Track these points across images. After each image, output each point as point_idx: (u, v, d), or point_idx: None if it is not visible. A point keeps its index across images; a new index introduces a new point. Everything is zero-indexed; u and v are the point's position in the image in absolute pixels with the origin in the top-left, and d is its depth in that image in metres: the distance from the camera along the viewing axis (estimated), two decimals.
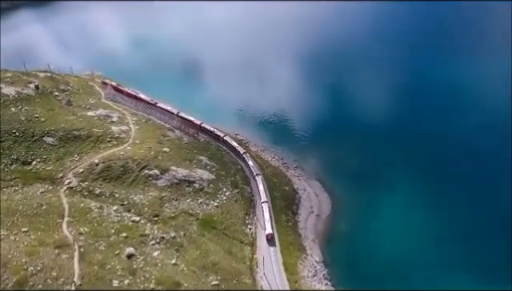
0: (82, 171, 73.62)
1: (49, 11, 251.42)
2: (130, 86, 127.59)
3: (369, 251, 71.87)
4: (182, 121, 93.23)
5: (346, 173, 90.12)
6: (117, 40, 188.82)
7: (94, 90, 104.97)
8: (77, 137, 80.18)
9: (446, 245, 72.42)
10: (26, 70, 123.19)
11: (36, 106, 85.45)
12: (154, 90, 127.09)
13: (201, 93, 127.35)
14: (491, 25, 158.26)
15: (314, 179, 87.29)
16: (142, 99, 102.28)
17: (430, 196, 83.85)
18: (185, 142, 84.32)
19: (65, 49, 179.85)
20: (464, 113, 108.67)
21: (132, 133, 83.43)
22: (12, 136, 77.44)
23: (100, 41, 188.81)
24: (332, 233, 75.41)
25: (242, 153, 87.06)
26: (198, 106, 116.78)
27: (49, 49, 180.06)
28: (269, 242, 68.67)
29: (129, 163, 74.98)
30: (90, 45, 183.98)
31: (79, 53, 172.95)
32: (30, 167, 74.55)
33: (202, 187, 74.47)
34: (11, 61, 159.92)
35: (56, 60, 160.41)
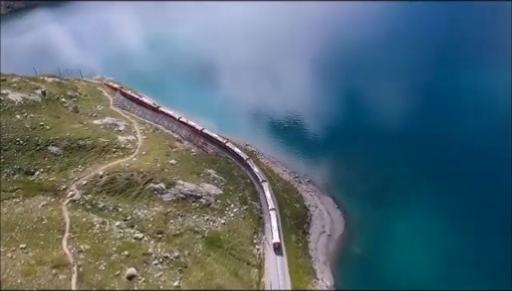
0: (85, 183, 71.62)
1: (63, 11, 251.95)
2: (140, 90, 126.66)
3: (383, 275, 68.41)
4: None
5: (360, 189, 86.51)
6: (131, 41, 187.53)
7: (102, 96, 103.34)
8: (82, 146, 78.26)
9: (465, 267, 68.82)
10: (36, 74, 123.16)
11: (42, 113, 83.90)
12: (165, 94, 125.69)
13: (213, 97, 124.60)
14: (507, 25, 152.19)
15: (326, 195, 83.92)
16: (150, 106, 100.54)
17: (449, 212, 79.90)
18: (193, 154, 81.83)
19: (78, 50, 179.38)
20: (485, 123, 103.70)
21: (139, 144, 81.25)
22: (16, 144, 75.87)
23: (114, 41, 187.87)
24: (344, 254, 72.00)
25: (245, 159, 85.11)
26: (209, 112, 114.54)
27: (62, 51, 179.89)
28: (276, 251, 67.38)
29: (134, 176, 72.71)
30: (103, 47, 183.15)
31: (92, 55, 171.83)
32: (32, 177, 72.85)
33: (209, 203, 71.81)
34: (23, 63, 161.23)
35: (68, 62, 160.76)
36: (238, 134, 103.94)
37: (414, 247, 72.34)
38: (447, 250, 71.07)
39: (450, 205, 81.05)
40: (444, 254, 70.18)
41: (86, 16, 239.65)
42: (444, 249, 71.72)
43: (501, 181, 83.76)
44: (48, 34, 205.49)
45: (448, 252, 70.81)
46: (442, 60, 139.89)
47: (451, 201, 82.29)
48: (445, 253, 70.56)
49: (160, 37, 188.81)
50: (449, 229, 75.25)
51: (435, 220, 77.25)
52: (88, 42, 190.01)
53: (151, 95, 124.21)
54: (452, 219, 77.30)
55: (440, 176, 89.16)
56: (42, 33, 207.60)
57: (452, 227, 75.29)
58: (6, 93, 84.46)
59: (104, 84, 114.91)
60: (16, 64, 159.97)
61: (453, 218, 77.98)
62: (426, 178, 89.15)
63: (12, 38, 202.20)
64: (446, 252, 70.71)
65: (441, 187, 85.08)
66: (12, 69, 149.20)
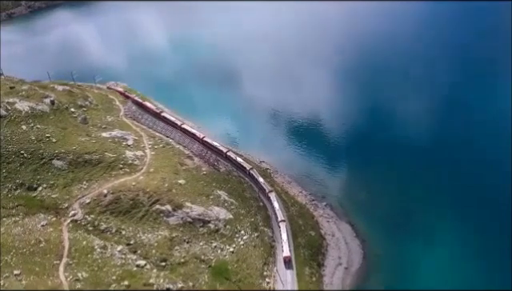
0: (88, 202, 68.62)
1: (84, 11, 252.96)
2: (155, 98, 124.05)
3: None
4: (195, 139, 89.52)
5: (381, 215, 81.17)
6: (152, 43, 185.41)
7: (113, 106, 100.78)
8: (87, 161, 75.41)
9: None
10: (49, 78, 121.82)
11: (49, 124, 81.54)
12: (180, 102, 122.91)
13: (230, 107, 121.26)
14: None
15: (344, 221, 78.90)
16: (162, 117, 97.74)
17: (479, 245, 73.85)
18: (203, 173, 78.07)
19: (96, 52, 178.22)
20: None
21: (147, 160, 77.94)
22: (20, 157, 73.60)
23: (134, 44, 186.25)
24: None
25: (248, 170, 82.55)
26: (225, 123, 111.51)
27: (80, 52, 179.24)
28: (286, 265, 64.90)
29: (139, 196, 69.30)
30: (122, 49, 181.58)
31: (110, 58, 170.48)
32: (35, 193, 70.42)
33: (218, 228, 67.80)
34: (40, 64, 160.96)
35: (85, 64, 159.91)
36: (254, 149, 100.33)
37: (440, 285, 66.72)
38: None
39: (480, 238, 75.06)
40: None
41: (108, 16, 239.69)
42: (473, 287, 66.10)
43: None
44: (67, 35, 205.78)
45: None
46: (470, 66, 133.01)
47: (481, 233, 76.34)
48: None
49: (182, 40, 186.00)
50: (478, 266, 69.29)
51: (464, 255, 71.46)
52: (107, 44, 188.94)
53: (165, 102, 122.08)
54: (481, 255, 71.21)
55: (470, 202, 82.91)
56: (60, 34, 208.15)
57: (481, 265, 69.26)
58: (14, 102, 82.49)
59: (116, 91, 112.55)
60: (32, 65, 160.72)
61: (483, 254, 71.96)
62: (455, 205, 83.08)
63: (32, 39, 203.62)
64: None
65: (472, 218, 78.83)
66: (27, 71, 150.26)
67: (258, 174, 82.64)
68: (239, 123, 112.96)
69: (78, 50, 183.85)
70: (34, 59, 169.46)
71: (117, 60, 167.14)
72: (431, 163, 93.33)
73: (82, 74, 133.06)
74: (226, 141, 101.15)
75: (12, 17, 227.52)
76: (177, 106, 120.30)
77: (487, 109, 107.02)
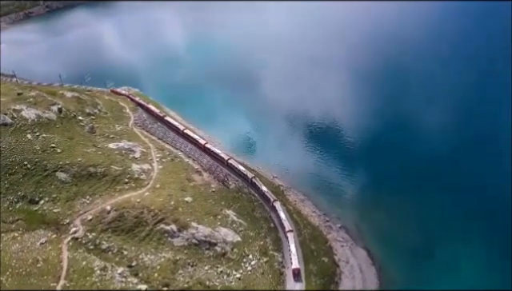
0: (90, 218, 66.20)
1: (102, 12, 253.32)
2: (168, 104, 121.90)
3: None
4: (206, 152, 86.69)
5: (400, 240, 76.61)
6: (168, 45, 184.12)
7: (123, 114, 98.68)
8: (92, 174, 73.10)
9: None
10: (61, 82, 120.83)
11: (55, 133, 79.69)
12: (194, 108, 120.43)
13: (245, 116, 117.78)
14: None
15: (360, 246, 74.66)
16: (172, 127, 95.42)
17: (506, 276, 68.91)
18: (212, 190, 74.96)
19: (111, 54, 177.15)
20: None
21: (153, 175, 75.27)
22: (23, 168, 71.75)
23: (150, 46, 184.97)
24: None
25: (250, 178, 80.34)
26: (237, 135, 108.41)
27: (95, 54, 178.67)
28: (295, 278, 62.98)
29: (144, 213, 66.57)
30: (137, 52, 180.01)
31: (124, 61, 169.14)
32: (36, 207, 68.38)
33: (225, 252, 64.55)
34: (55, 65, 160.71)
35: (99, 66, 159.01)
36: (268, 163, 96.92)
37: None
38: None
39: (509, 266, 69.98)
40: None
41: (125, 17, 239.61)
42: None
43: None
44: (83, 36, 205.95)
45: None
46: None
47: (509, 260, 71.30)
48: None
49: (198, 42, 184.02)
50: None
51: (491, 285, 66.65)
52: (122, 46, 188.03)
53: (178, 109, 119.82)
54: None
55: (498, 227, 77.75)
56: (77, 35, 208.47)
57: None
58: (20, 110, 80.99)
59: (127, 97, 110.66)
60: (47, 66, 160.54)
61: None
62: (482, 230, 77.89)
63: (48, 39, 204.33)
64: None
65: (500, 244, 73.65)
66: (41, 72, 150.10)
67: (261, 183, 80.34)
68: (253, 133, 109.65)
69: (94, 52, 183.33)
70: (49, 60, 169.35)
71: (131, 63, 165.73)
72: (458, 184, 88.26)
73: (95, 78, 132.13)
74: (239, 154, 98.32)
75: (29, 16, 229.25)
76: (190, 114, 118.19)
77: None
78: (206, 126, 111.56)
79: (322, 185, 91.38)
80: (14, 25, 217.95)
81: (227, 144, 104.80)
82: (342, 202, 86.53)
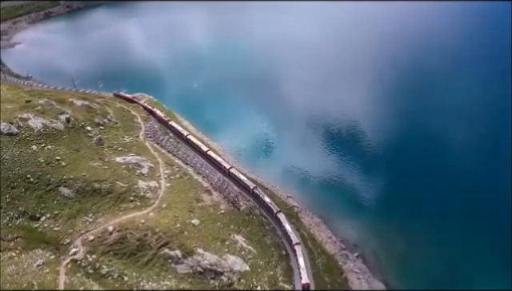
0: (92, 239, 63.32)
1: (123, 12, 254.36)
2: (182, 112, 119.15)
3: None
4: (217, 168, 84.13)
5: (423, 273, 71.57)
6: (188, 48, 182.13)
7: (134, 123, 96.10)
8: (96, 190, 70.37)
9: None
10: (74, 86, 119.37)
11: (61, 145, 77.40)
12: (209, 118, 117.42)
13: (263, 126, 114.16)
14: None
15: (378, 280, 69.84)
16: (185, 139, 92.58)
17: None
18: (221, 212, 71.30)
19: (129, 57, 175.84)
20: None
21: (160, 193, 72.13)
22: (25, 182, 69.48)
23: (171, 49, 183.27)
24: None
25: (252, 188, 78.71)
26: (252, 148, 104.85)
27: (112, 56, 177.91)
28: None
29: (148, 236, 63.38)
30: (157, 54, 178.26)
31: (142, 63, 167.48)
32: (37, 224, 65.85)
33: (231, 282, 60.78)
34: (71, 67, 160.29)
35: (115, 70, 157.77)
36: (282, 181, 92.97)
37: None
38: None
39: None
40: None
41: (146, 18, 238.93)
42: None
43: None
44: (101, 38, 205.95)
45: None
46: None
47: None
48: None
49: (220, 45, 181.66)
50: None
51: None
52: (141, 48, 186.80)
53: (192, 118, 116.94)
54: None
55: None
56: (96, 36, 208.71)
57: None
58: (27, 119, 79.10)
59: (140, 104, 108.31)
60: (63, 67, 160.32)
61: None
62: None
63: (66, 40, 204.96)
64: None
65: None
66: (57, 73, 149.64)
67: (264, 194, 78.03)
68: (270, 147, 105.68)
69: (111, 54, 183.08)
70: (66, 62, 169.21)
71: (148, 67, 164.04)
72: (490, 209, 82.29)
73: (109, 83, 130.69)
74: (253, 171, 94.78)
75: (50, 16, 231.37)
76: (203, 123, 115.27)
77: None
78: (220, 137, 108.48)
79: (339, 207, 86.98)
80: (33, 24, 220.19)
81: (241, 157, 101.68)
82: (360, 227, 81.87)
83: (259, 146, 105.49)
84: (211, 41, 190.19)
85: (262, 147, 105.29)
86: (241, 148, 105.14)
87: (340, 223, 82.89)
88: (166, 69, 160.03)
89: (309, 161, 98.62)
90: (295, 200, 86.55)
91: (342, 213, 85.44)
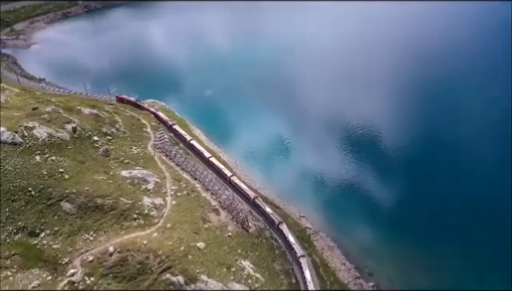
0: (91, 260, 60.67)
1: (141, 12, 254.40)
2: (197, 120, 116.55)
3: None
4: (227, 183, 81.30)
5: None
6: (207, 51, 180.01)
7: (143, 133, 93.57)
8: (99, 206, 67.78)
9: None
10: (86, 92, 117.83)
11: (65, 156, 75.13)
12: (223, 126, 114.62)
13: (281, 135, 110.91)
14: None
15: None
16: (195, 150, 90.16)
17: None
18: (228, 234, 67.88)
19: (144, 60, 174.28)
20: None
21: (165, 211, 69.14)
22: (26, 195, 67.28)
23: (188, 51, 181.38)
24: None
25: (252, 198, 77.53)
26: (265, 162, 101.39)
27: (127, 59, 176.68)
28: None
29: (149, 259, 60.38)
30: (174, 57, 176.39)
31: (158, 67, 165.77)
32: (35, 240, 63.52)
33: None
34: (86, 69, 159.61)
35: (129, 74, 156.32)
36: (296, 198, 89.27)
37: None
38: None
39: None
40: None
41: (165, 19, 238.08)
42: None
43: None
44: (118, 39, 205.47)
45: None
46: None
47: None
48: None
49: (239, 47, 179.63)
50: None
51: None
52: (158, 51, 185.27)
53: (206, 128, 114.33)
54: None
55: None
56: (112, 37, 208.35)
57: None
58: (33, 127, 77.09)
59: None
60: (77, 70, 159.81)
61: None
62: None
63: (82, 40, 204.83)
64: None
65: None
66: (70, 77, 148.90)
67: (265, 204, 76.27)
68: (286, 161, 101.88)
69: (126, 56, 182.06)
70: (80, 64, 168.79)
71: (163, 70, 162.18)
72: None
73: (122, 87, 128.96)
74: (265, 186, 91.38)
75: (67, 16, 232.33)
76: (216, 132, 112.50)
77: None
78: (233, 148, 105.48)
79: (354, 228, 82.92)
80: (51, 24, 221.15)
81: (254, 169, 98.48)
82: (376, 252, 77.65)
83: (274, 159, 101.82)
84: (227, 43, 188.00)
85: (277, 160, 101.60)
86: (254, 160, 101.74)
87: (355, 247, 78.99)
88: (180, 73, 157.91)
89: (326, 177, 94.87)
90: (308, 220, 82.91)
91: (357, 235, 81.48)
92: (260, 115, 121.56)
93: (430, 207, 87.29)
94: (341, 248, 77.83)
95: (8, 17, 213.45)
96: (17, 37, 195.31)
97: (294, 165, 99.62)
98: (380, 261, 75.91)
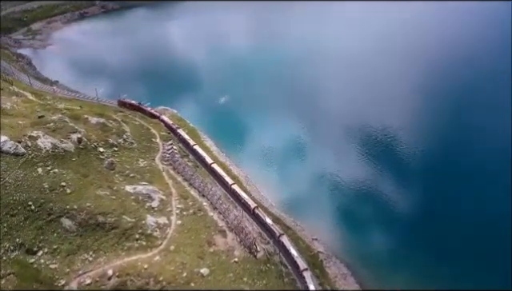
0: (89, 283, 58.34)
1: (160, 13, 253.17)
2: (210, 131, 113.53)
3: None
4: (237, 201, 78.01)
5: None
6: (226, 54, 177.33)
7: (151, 144, 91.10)
8: (100, 224, 65.39)
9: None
10: (97, 97, 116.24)
11: (69, 168, 72.97)
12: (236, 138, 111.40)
13: (301, 150, 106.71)
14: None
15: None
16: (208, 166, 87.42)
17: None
18: (234, 260, 64.70)
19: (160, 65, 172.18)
20: None
21: (169, 232, 66.37)
22: (26, 209, 65.17)
23: (207, 55, 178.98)
24: None
25: (253, 208, 75.65)
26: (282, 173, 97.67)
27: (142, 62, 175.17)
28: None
29: (149, 285, 57.77)
30: (191, 61, 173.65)
31: (173, 71, 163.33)
32: (33, 259, 61.23)
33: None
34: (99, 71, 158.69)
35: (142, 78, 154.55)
36: (309, 217, 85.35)
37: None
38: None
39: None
40: None
41: (183, 20, 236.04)
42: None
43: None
44: (133, 41, 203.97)
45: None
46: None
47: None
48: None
49: (259, 50, 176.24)
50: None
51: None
52: (174, 54, 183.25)
53: (218, 138, 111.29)
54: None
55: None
56: (128, 39, 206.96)
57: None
58: (37, 137, 75.21)
59: (160, 120, 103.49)
60: (91, 72, 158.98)
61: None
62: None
63: (97, 42, 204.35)
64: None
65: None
66: (82, 80, 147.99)
67: (265, 215, 73.81)
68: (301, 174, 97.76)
69: (141, 59, 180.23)
70: (94, 66, 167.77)
71: (177, 75, 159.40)
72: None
73: (133, 92, 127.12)
74: (277, 204, 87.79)
75: (84, 16, 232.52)
76: (229, 144, 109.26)
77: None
78: (245, 162, 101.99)
79: (370, 253, 78.69)
80: (68, 24, 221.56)
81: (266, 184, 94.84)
82: (394, 283, 73.22)
83: (289, 173, 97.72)
84: (248, 46, 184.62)
85: (292, 175, 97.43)
86: (267, 174, 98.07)
87: (370, 275, 74.67)
88: (196, 78, 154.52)
89: (343, 193, 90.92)
90: (321, 243, 78.78)
91: (372, 261, 77.23)
92: (276, 125, 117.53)
93: (458, 227, 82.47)
94: (354, 276, 73.53)
95: (25, 16, 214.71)
96: (33, 37, 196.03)
97: (310, 181, 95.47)
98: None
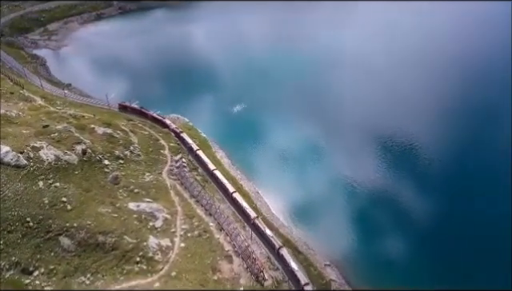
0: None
1: (178, 14, 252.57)
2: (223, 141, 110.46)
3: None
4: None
5: None
6: (244, 58, 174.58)
7: (159, 156, 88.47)
8: (100, 245, 62.87)
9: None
10: (108, 102, 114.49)
11: (71, 182, 70.79)
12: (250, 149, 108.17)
13: (316, 166, 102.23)
14: None
15: None
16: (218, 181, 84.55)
17: None
18: (239, 289, 61.10)
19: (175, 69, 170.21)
20: None
21: (171, 255, 63.43)
22: (24, 226, 63.05)
23: (223, 59, 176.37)
24: None
25: (253, 219, 73.51)
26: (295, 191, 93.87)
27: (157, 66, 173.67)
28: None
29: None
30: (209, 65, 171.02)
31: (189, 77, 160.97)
32: (28, 280, 58.94)
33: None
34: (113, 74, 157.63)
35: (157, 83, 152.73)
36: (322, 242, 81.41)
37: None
38: None
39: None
40: None
41: (202, 22, 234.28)
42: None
43: None
44: (149, 43, 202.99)
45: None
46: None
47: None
48: None
49: (279, 53, 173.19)
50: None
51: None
52: (192, 57, 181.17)
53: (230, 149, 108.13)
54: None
55: None
56: (143, 41, 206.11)
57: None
58: (40, 148, 73.28)
59: (170, 130, 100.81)
60: (104, 75, 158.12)
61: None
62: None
63: (114, 43, 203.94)
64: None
65: None
66: (95, 83, 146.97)
67: (265, 225, 71.34)
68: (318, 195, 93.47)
69: (157, 63, 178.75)
70: (108, 69, 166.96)
71: (194, 80, 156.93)
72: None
73: (145, 99, 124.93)
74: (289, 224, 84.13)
75: (101, 17, 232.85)
76: (241, 156, 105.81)
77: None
78: (258, 177, 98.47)
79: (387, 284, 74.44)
80: (84, 25, 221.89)
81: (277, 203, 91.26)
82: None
83: (304, 192, 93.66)
84: (268, 49, 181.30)
85: (307, 194, 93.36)
86: (280, 190, 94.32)
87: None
88: (211, 83, 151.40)
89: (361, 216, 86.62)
90: (333, 269, 74.76)
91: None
92: (293, 134, 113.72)
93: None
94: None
95: (43, 16, 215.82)
96: (49, 38, 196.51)
97: (326, 198, 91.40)
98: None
